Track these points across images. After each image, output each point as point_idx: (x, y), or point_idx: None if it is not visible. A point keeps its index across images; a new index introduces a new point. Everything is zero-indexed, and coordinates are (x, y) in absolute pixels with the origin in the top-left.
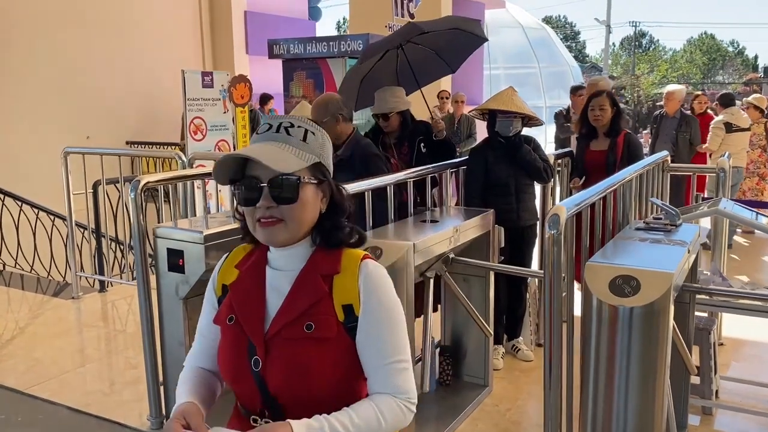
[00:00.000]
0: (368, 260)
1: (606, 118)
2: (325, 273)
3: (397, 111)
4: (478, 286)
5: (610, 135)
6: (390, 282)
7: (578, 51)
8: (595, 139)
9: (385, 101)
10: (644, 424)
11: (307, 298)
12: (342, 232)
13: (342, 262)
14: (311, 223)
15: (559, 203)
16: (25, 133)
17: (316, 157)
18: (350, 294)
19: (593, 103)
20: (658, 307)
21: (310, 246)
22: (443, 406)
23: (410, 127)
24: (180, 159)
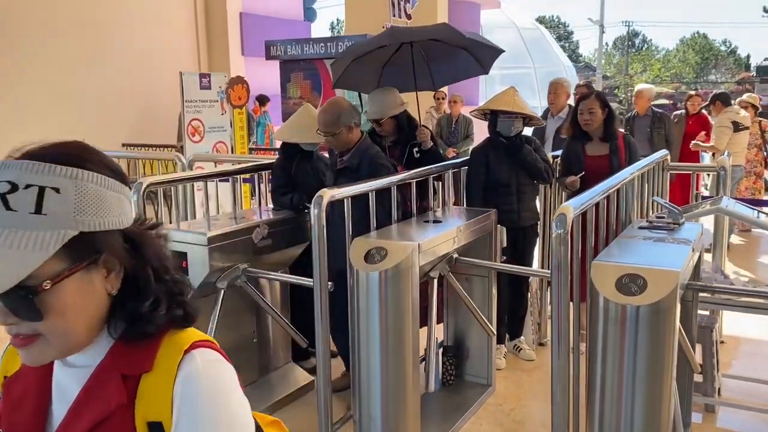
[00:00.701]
0: (196, 352)
1: (597, 122)
2: (127, 372)
3: (389, 116)
4: (480, 286)
5: (607, 139)
6: (227, 387)
7: (572, 51)
8: (589, 143)
9: (377, 106)
10: (651, 422)
11: (95, 412)
12: (148, 321)
13: (157, 355)
14: (92, 319)
15: (566, 203)
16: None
17: (69, 227)
18: (160, 405)
19: (582, 107)
20: (664, 305)
21: (107, 338)
22: (447, 405)
23: (406, 131)
24: (180, 161)
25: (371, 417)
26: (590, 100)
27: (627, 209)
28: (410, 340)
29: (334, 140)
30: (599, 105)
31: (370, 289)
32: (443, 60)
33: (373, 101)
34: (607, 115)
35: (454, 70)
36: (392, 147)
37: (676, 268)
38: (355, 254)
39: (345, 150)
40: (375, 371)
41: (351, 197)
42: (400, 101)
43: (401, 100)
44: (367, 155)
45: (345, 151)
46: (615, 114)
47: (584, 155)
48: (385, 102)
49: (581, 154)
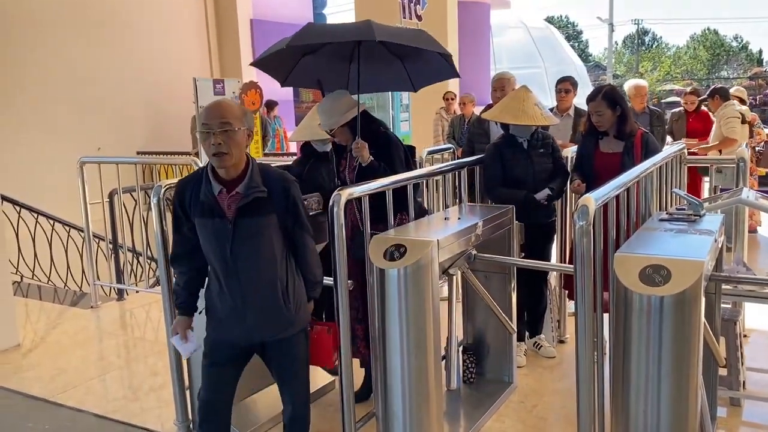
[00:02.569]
0: None
1: (607, 122)
2: None
3: (340, 125)
4: (499, 283)
5: (621, 137)
6: None
7: (581, 51)
8: (605, 138)
9: (327, 116)
10: (679, 416)
11: None
12: None
13: None
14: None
15: (587, 194)
16: (38, 145)
17: None
18: None
19: (590, 108)
20: (689, 295)
21: None
22: (469, 403)
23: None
24: (197, 165)
25: (394, 415)
26: (596, 101)
27: (647, 202)
28: (431, 337)
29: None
30: (606, 105)
31: (390, 287)
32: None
33: (322, 111)
34: (620, 113)
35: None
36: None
37: (700, 258)
38: (374, 252)
39: None
40: (397, 369)
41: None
42: (352, 104)
43: (354, 102)
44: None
45: None
46: (629, 112)
47: (596, 152)
48: (335, 111)
49: (593, 152)
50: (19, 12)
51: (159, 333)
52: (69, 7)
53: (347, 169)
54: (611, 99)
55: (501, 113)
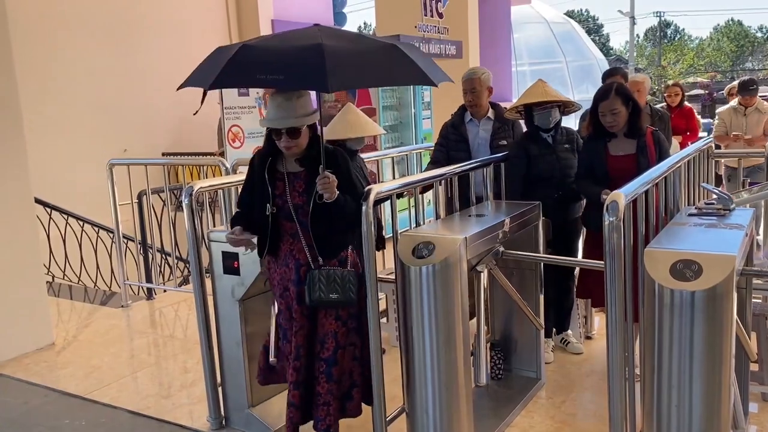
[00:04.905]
0: None
1: (622, 122)
2: None
3: (308, 125)
4: (526, 280)
5: (633, 135)
6: None
7: (602, 44)
8: (613, 140)
9: (289, 109)
10: (711, 411)
11: None
12: None
13: None
14: None
15: (616, 190)
16: (66, 148)
17: None
18: None
19: (602, 108)
20: (721, 290)
21: None
22: (497, 399)
23: (317, 151)
24: (224, 166)
25: (423, 410)
26: (610, 99)
27: (675, 197)
28: (461, 333)
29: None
30: (621, 102)
31: (418, 284)
32: None
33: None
34: (632, 109)
35: None
36: (294, 176)
37: (731, 252)
38: (402, 249)
39: None
40: (427, 365)
41: None
42: (311, 107)
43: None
44: None
45: None
46: (640, 107)
47: (607, 155)
48: (302, 105)
49: (603, 155)
50: (46, 16)
51: (188, 331)
52: (95, 12)
53: (292, 192)
54: (625, 95)
55: (521, 99)
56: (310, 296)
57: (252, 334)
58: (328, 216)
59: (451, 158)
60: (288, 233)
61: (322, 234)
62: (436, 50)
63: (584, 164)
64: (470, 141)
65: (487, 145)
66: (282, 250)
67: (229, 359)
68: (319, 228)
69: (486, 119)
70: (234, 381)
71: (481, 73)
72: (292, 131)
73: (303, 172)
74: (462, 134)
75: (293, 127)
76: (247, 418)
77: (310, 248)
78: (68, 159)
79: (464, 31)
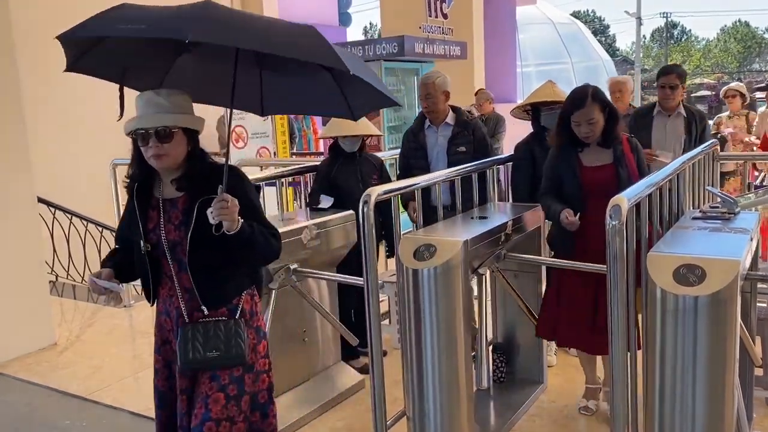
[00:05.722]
0: None
1: (598, 132)
2: None
3: (187, 134)
4: (529, 282)
5: (608, 144)
6: None
7: (608, 45)
8: (586, 149)
9: (158, 105)
10: (715, 417)
11: None
12: None
13: None
14: None
15: (620, 194)
16: (70, 148)
17: None
18: None
19: (577, 118)
20: (724, 295)
21: None
22: (500, 403)
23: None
24: None
25: (425, 414)
26: (587, 107)
27: (679, 200)
28: (462, 336)
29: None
30: (599, 109)
31: (419, 286)
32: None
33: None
34: (608, 115)
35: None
36: (171, 202)
37: (736, 257)
38: (403, 251)
39: None
40: (428, 368)
41: None
42: (190, 108)
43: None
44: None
45: None
46: (617, 113)
47: (580, 167)
48: (178, 104)
49: (576, 167)
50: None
51: None
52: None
53: (166, 224)
54: (602, 101)
55: (528, 99)
56: (182, 357)
57: None
58: (220, 253)
59: (411, 167)
60: (167, 275)
61: (205, 277)
62: (440, 51)
63: (551, 177)
64: (429, 149)
65: (445, 152)
66: (162, 295)
67: None
68: (201, 269)
69: (444, 125)
70: None
71: (436, 77)
72: (163, 133)
73: (181, 197)
74: (420, 142)
75: (164, 126)
76: None
77: (191, 295)
78: (73, 158)
79: (469, 32)
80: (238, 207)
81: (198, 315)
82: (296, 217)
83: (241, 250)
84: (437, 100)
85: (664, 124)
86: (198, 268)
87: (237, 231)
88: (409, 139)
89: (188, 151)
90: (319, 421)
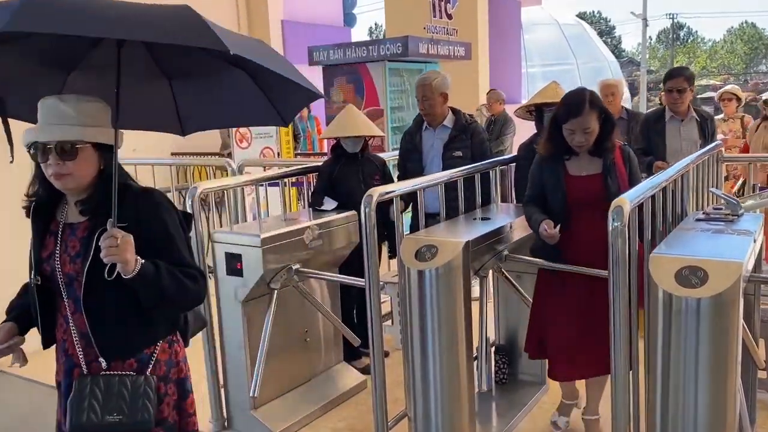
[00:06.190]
0: None
1: (592, 141)
2: None
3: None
4: (531, 284)
5: (599, 153)
6: None
7: (614, 46)
8: (574, 158)
9: (63, 115)
10: (716, 420)
11: None
12: None
13: None
14: None
15: (622, 195)
16: None
17: None
18: None
19: (572, 126)
20: (727, 297)
21: None
22: (501, 404)
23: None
24: (230, 166)
25: (426, 415)
26: (584, 115)
27: (683, 202)
28: (463, 337)
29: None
30: (596, 117)
31: (421, 287)
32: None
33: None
34: (604, 122)
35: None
36: (69, 230)
37: (738, 259)
38: (405, 252)
39: None
40: (429, 369)
41: None
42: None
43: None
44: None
45: None
46: (614, 121)
47: (566, 176)
48: (88, 112)
49: (562, 176)
50: None
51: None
52: None
53: (63, 254)
54: (600, 108)
55: (532, 99)
56: (73, 420)
57: (255, 336)
58: (124, 294)
59: (407, 170)
60: (62, 315)
61: (105, 321)
62: (444, 52)
63: (535, 185)
64: (424, 151)
65: (440, 155)
66: (58, 339)
67: (231, 361)
68: (99, 311)
69: (442, 127)
70: (236, 383)
71: (433, 78)
72: (66, 149)
73: (83, 223)
74: (415, 144)
75: (67, 141)
76: (250, 420)
77: (87, 341)
78: None
79: (474, 33)
80: (131, 245)
81: (97, 367)
82: (299, 217)
83: (146, 294)
84: (434, 103)
85: (679, 130)
86: (96, 310)
87: (135, 274)
88: (406, 140)
89: (100, 170)
90: (321, 421)
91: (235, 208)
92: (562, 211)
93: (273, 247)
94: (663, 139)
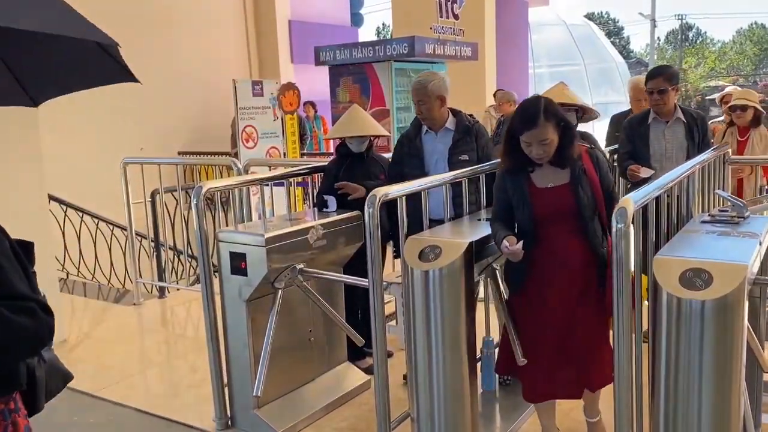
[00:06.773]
0: None
1: (552, 152)
2: None
3: None
4: None
5: (562, 163)
6: None
7: (622, 47)
8: (538, 169)
9: None
10: (721, 423)
11: None
12: None
13: None
14: None
15: (626, 196)
16: (83, 146)
17: None
18: None
19: (528, 138)
20: (731, 300)
21: None
22: (505, 405)
23: None
24: (236, 166)
25: (429, 416)
26: (540, 127)
27: (688, 203)
28: (466, 337)
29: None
30: (553, 127)
31: (425, 288)
32: None
33: None
34: (563, 132)
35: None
36: None
37: (743, 261)
38: (409, 252)
39: None
40: (432, 369)
41: None
42: None
43: None
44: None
45: None
46: (573, 130)
47: (530, 188)
48: None
49: (526, 189)
50: None
51: (199, 330)
52: (111, 11)
53: None
54: (556, 116)
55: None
56: None
57: (258, 335)
58: None
59: (405, 175)
60: None
61: None
62: (451, 52)
63: (499, 200)
64: (426, 156)
65: (446, 160)
66: None
67: (235, 360)
68: None
69: (444, 130)
70: (240, 382)
71: (429, 81)
72: None
73: None
74: (416, 148)
75: None
76: (253, 419)
77: None
78: (85, 157)
79: (480, 33)
80: None
81: None
82: (304, 216)
83: None
84: (431, 107)
85: (663, 132)
86: None
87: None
88: (404, 144)
89: None
90: (324, 420)
91: (240, 208)
92: (529, 226)
93: (277, 246)
94: (646, 143)
